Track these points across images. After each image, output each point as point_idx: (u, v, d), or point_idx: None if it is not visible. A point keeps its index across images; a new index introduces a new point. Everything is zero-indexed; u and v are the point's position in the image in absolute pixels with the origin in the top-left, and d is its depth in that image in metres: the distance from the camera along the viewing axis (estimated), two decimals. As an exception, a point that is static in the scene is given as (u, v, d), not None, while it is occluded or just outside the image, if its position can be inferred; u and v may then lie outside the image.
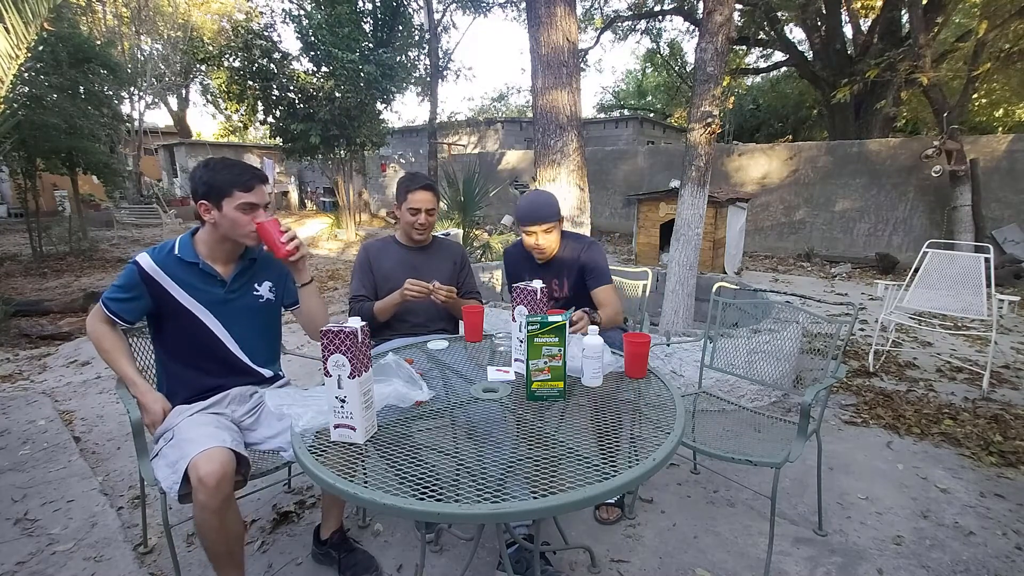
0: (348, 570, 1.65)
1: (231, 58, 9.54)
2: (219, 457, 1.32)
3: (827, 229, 8.49)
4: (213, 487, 1.29)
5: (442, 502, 0.96)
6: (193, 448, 1.34)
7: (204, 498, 1.29)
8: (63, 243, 8.88)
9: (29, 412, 2.83)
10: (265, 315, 1.70)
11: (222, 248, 1.57)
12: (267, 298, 1.68)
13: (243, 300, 1.63)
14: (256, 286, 1.66)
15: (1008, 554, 1.77)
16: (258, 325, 1.68)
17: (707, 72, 3.26)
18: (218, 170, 1.48)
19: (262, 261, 1.70)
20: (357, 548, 1.71)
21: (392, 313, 2.02)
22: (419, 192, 2.09)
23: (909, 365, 3.54)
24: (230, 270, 1.61)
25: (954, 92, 8.89)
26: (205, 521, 1.33)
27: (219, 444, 1.36)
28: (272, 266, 1.71)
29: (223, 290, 1.58)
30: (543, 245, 2.04)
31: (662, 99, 22.76)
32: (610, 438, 1.20)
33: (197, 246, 1.56)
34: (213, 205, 1.49)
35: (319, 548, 1.71)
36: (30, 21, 3.76)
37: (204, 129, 33.51)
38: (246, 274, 1.65)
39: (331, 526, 1.69)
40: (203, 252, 1.56)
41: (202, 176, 1.49)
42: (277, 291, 1.71)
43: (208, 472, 1.28)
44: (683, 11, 12.56)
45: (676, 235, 3.49)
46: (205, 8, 18.50)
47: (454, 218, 6.96)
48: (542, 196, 2.06)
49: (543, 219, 2.00)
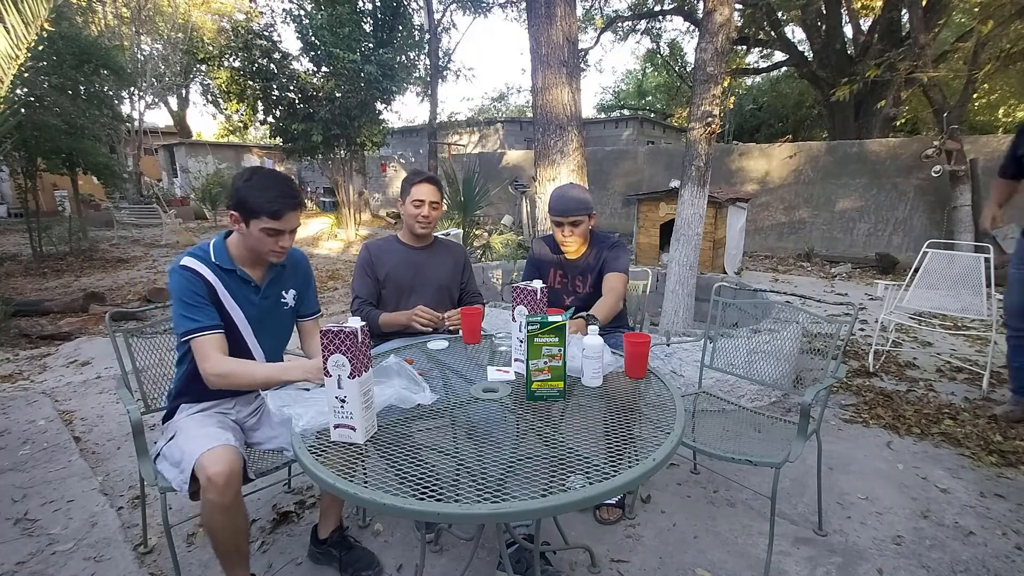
0: (349, 568, 1.65)
1: (231, 58, 9.54)
2: (226, 456, 1.32)
3: (827, 229, 8.48)
4: (223, 486, 1.29)
5: (442, 502, 0.96)
6: (197, 446, 1.35)
7: (214, 497, 1.29)
8: (63, 243, 8.87)
9: (29, 412, 2.83)
10: (286, 321, 1.70)
11: (252, 255, 1.55)
12: (291, 305, 1.68)
13: (272, 307, 1.62)
14: (284, 293, 1.66)
15: (1008, 554, 1.77)
16: (280, 331, 1.68)
17: (707, 72, 3.26)
18: (255, 188, 1.43)
19: (289, 267, 1.67)
20: (356, 546, 1.71)
21: (396, 328, 2.02)
22: (423, 185, 2.08)
23: (909, 365, 3.54)
24: (262, 275, 1.59)
25: (954, 92, 8.88)
26: (215, 519, 1.34)
27: (224, 443, 1.36)
28: (297, 273, 1.70)
29: (257, 296, 1.57)
30: (570, 239, 2.05)
31: (662, 99, 22.75)
32: (610, 438, 1.20)
33: (230, 250, 1.54)
34: (243, 220, 1.46)
35: (318, 547, 1.71)
36: (30, 22, 3.76)
37: (204, 129, 33.54)
38: (278, 282, 1.63)
39: (330, 525, 1.69)
40: (236, 256, 1.54)
41: (240, 189, 1.45)
42: (298, 298, 1.70)
43: (217, 472, 1.29)
44: (683, 11, 12.56)
45: (676, 235, 3.49)
46: (205, 8, 18.50)
47: (454, 218, 6.95)
48: (573, 190, 2.06)
49: (571, 212, 2.00)
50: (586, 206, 2.02)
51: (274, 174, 1.50)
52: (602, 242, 2.14)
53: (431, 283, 2.17)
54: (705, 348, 2.23)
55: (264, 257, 1.53)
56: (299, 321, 1.75)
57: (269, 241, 1.47)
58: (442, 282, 2.19)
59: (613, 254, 2.07)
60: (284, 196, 1.45)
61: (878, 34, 10.09)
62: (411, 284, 2.14)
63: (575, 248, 2.10)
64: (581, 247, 2.12)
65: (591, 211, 2.06)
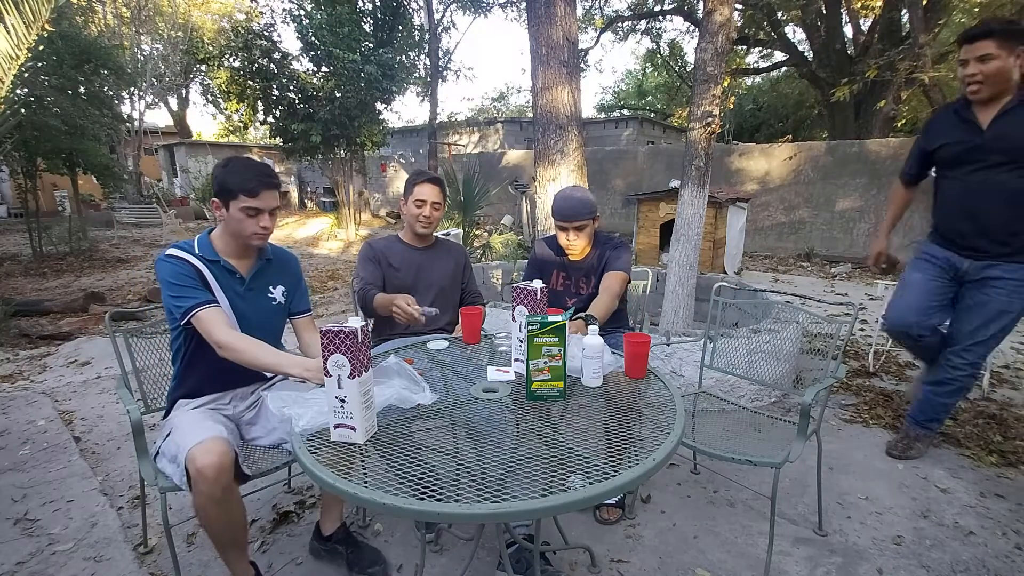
0: (356, 565, 1.65)
1: (231, 58, 9.55)
2: (215, 448, 1.33)
3: (827, 229, 8.48)
4: (212, 478, 1.30)
5: (442, 502, 0.96)
6: (188, 440, 1.35)
7: (205, 488, 1.30)
8: (63, 243, 8.88)
9: (29, 412, 2.83)
10: (276, 318, 1.72)
11: (235, 244, 1.58)
12: (279, 301, 1.70)
13: (259, 300, 1.65)
14: (271, 288, 1.68)
15: (1008, 554, 1.77)
16: (269, 327, 1.69)
17: (707, 72, 3.26)
18: (232, 171, 1.50)
19: (276, 263, 1.71)
20: (363, 543, 1.72)
21: (384, 312, 1.97)
22: (425, 185, 2.08)
23: (909, 365, 3.53)
24: (248, 267, 1.62)
25: (954, 92, 8.88)
26: (208, 512, 1.35)
27: (215, 435, 1.37)
28: (286, 271, 1.73)
29: (242, 287, 1.60)
30: (574, 243, 2.05)
31: (662, 99, 22.76)
32: (610, 438, 1.20)
33: (214, 243, 1.58)
34: (223, 204, 1.52)
35: (323, 544, 1.71)
36: (31, 23, 3.76)
37: (204, 129, 33.54)
38: (263, 275, 1.66)
39: (334, 522, 1.70)
40: (219, 248, 1.58)
41: (218, 175, 1.52)
42: (288, 296, 1.73)
43: (206, 464, 1.29)
44: (683, 11, 12.57)
45: (676, 235, 3.49)
46: (205, 8, 18.50)
47: (454, 218, 6.96)
48: (576, 193, 2.05)
49: (574, 217, 2.00)
50: (591, 209, 2.02)
51: (250, 159, 1.55)
52: (605, 243, 2.14)
53: (434, 284, 2.18)
54: (705, 348, 2.22)
55: (248, 241, 1.55)
56: (293, 319, 1.79)
57: (250, 222, 1.51)
58: (444, 283, 2.20)
59: (615, 254, 2.08)
60: (261, 176, 1.51)
61: (878, 34, 10.10)
62: (413, 285, 2.14)
63: (579, 250, 2.10)
64: (585, 249, 2.12)
65: (596, 214, 2.05)
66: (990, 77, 1.91)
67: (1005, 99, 1.95)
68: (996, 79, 1.91)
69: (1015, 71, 1.90)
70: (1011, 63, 1.89)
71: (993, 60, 1.89)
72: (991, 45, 1.88)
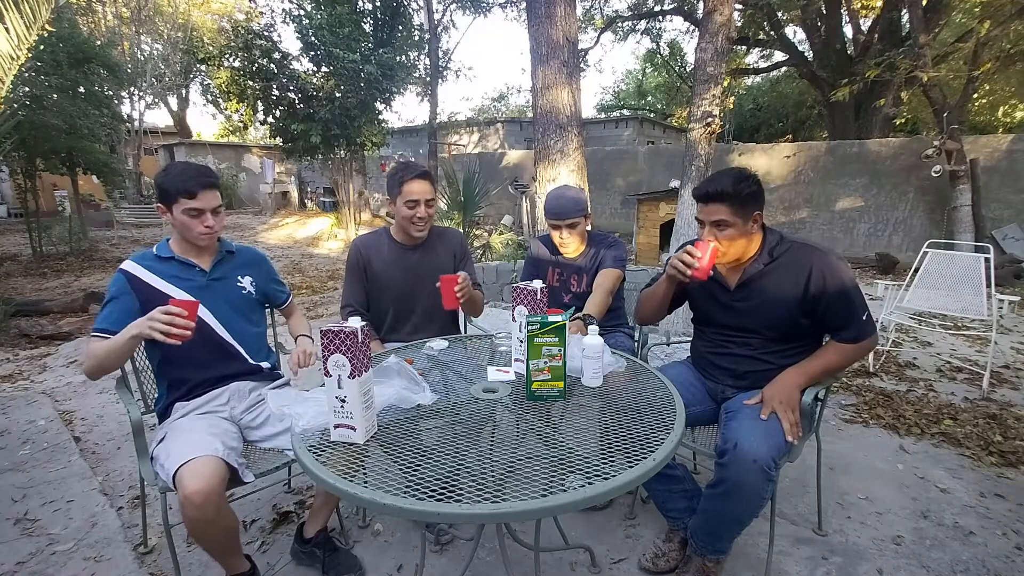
0: (331, 570, 1.64)
1: (231, 58, 9.55)
2: (204, 470, 1.30)
3: (827, 229, 8.49)
4: (200, 504, 1.28)
5: (442, 502, 0.96)
6: (179, 455, 1.34)
7: (192, 514, 1.29)
8: (63, 243, 8.88)
9: (29, 412, 2.83)
10: (249, 308, 1.75)
11: (189, 244, 1.63)
12: (249, 291, 1.74)
13: (226, 289, 1.68)
14: (240, 278, 1.73)
15: (1008, 554, 1.77)
16: (244, 317, 1.72)
17: (707, 72, 3.27)
18: (170, 176, 1.54)
19: (240, 256, 1.76)
20: (341, 548, 1.72)
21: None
22: (415, 182, 1.89)
23: (909, 365, 3.54)
24: (208, 260, 1.67)
25: (954, 92, 8.89)
26: (197, 532, 1.36)
27: (208, 453, 1.35)
28: (253, 264, 1.79)
29: (204, 278, 1.64)
30: (568, 240, 2.07)
31: (662, 99, 22.75)
32: (610, 438, 1.20)
33: (172, 245, 1.64)
34: (166, 208, 1.56)
35: (302, 546, 1.70)
36: (31, 24, 3.76)
37: (204, 129, 33.56)
38: (226, 264, 1.71)
39: (318, 525, 1.69)
40: (177, 249, 1.64)
41: (159, 180, 1.56)
42: (257, 286, 1.77)
43: (194, 490, 1.27)
44: (683, 11, 12.57)
45: (676, 235, 3.49)
46: (205, 8, 18.50)
47: (454, 218, 6.96)
48: (568, 192, 2.07)
49: (565, 215, 2.02)
50: (581, 207, 2.03)
51: (189, 163, 1.62)
52: (600, 241, 2.15)
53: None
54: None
55: (196, 242, 1.60)
56: (280, 309, 1.91)
57: (194, 223, 1.55)
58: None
59: (609, 252, 2.09)
60: (197, 176, 1.54)
61: (878, 34, 10.11)
62: (411, 291, 2.02)
63: (573, 248, 2.11)
64: (579, 247, 2.13)
65: (586, 211, 2.07)
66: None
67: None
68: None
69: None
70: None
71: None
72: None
